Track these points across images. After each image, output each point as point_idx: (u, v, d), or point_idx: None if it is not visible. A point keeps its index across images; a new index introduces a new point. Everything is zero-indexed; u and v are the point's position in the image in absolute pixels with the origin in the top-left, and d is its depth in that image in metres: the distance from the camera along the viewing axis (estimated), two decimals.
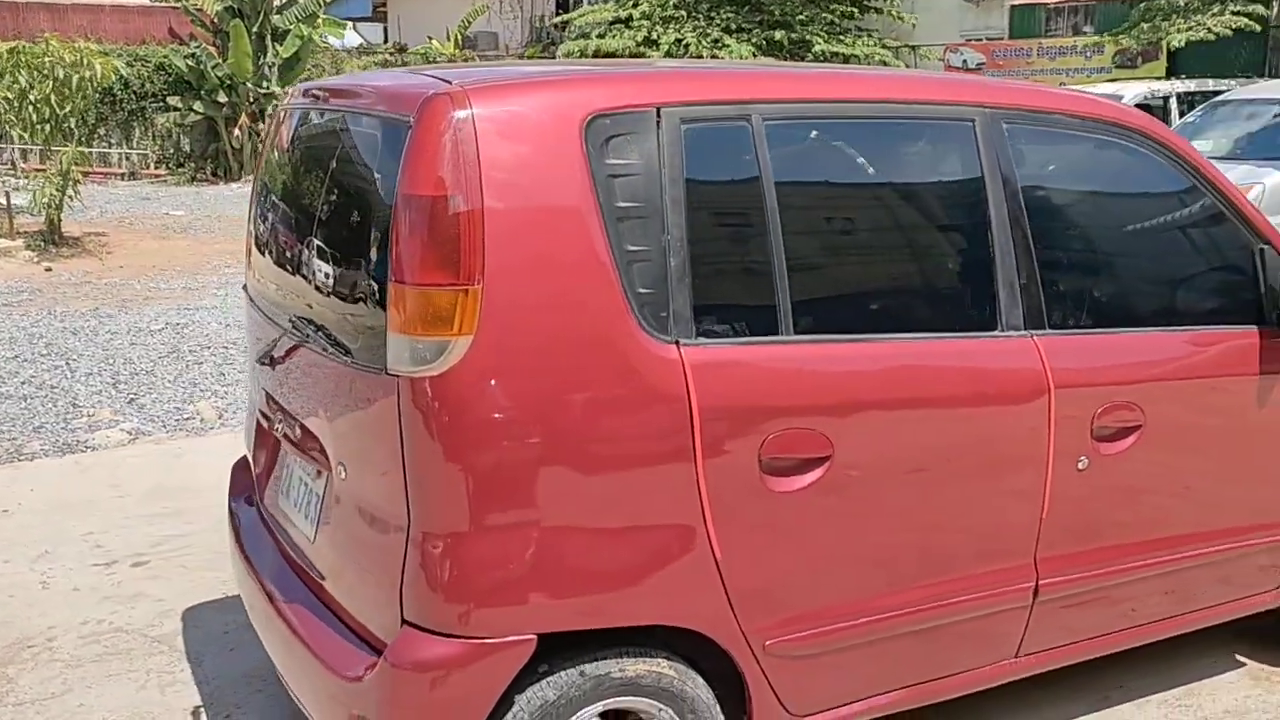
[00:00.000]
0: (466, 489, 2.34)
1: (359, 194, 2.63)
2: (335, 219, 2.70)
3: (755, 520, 2.57)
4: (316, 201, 2.77)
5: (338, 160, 2.76)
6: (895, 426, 2.72)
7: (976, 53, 19.30)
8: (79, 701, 3.55)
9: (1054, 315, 2.94)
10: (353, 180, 2.68)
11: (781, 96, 2.70)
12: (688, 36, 19.82)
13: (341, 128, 2.78)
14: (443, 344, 2.30)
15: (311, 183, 2.86)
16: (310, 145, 2.95)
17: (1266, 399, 3.30)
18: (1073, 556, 3.04)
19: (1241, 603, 3.48)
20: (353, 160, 2.69)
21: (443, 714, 2.39)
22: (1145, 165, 3.19)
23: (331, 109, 2.84)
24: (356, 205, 2.62)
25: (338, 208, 2.71)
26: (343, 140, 2.75)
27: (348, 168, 2.72)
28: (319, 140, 2.91)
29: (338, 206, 2.71)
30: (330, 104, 2.84)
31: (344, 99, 2.81)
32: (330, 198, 2.73)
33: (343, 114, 2.78)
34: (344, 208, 2.69)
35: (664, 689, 2.58)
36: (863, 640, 2.78)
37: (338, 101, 2.82)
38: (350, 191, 2.69)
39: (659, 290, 2.46)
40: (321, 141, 2.89)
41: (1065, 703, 3.49)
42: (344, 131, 2.76)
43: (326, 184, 2.75)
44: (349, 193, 2.69)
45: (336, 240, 2.66)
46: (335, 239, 2.67)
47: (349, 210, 2.66)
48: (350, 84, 2.86)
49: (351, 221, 2.62)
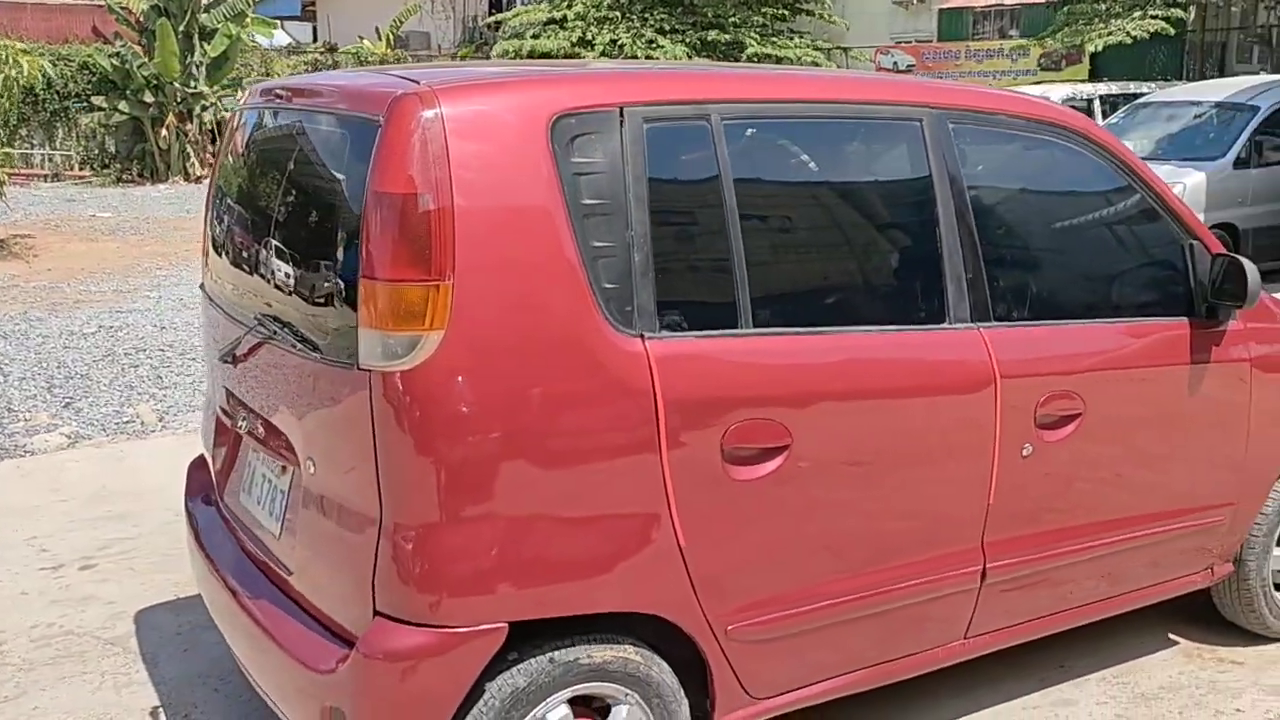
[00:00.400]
0: (438, 481, 2.38)
1: (327, 192, 2.66)
2: (303, 217, 2.73)
3: (718, 508, 2.65)
4: (283, 201, 2.79)
5: (304, 160, 2.78)
6: (851, 416, 2.82)
7: (907, 55, 19.63)
8: (34, 704, 3.52)
9: (999, 308, 3.05)
10: (320, 179, 2.71)
11: (739, 97, 2.78)
12: (622, 37, 19.90)
13: (307, 127, 2.80)
14: (414, 339, 2.34)
15: (277, 182, 2.88)
16: (274, 145, 2.97)
17: (1195, 388, 3.45)
18: (1018, 540, 3.16)
19: (1174, 583, 3.63)
20: (320, 159, 2.72)
21: (416, 703, 2.43)
22: (1083, 164, 3.32)
23: (296, 109, 2.86)
24: (325, 203, 2.65)
25: (305, 206, 2.73)
26: (309, 140, 2.78)
27: (315, 167, 2.74)
28: (283, 140, 2.93)
29: (305, 205, 2.74)
30: (294, 104, 2.86)
31: (309, 99, 2.83)
32: (297, 196, 2.75)
33: (308, 114, 2.80)
34: (312, 206, 2.71)
35: (631, 674, 2.64)
36: (821, 624, 2.87)
37: (302, 101, 2.84)
38: (318, 190, 2.71)
39: (624, 285, 2.52)
40: (286, 141, 2.91)
41: (1010, 682, 3.61)
42: (310, 131, 2.78)
43: (293, 183, 2.78)
44: (317, 191, 2.72)
45: (304, 238, 2.68)
46: (303, 237, 2.69)
47: (317, 208, 2.69)
48: (315, 84, 2.88)
49: (320, 219, 2.65)
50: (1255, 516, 3.70)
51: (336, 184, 2.58)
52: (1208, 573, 3.69)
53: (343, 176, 2.54)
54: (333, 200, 2.59)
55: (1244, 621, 3.89)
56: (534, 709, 2.54)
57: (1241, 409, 3.55)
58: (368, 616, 2.45)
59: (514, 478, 2.43)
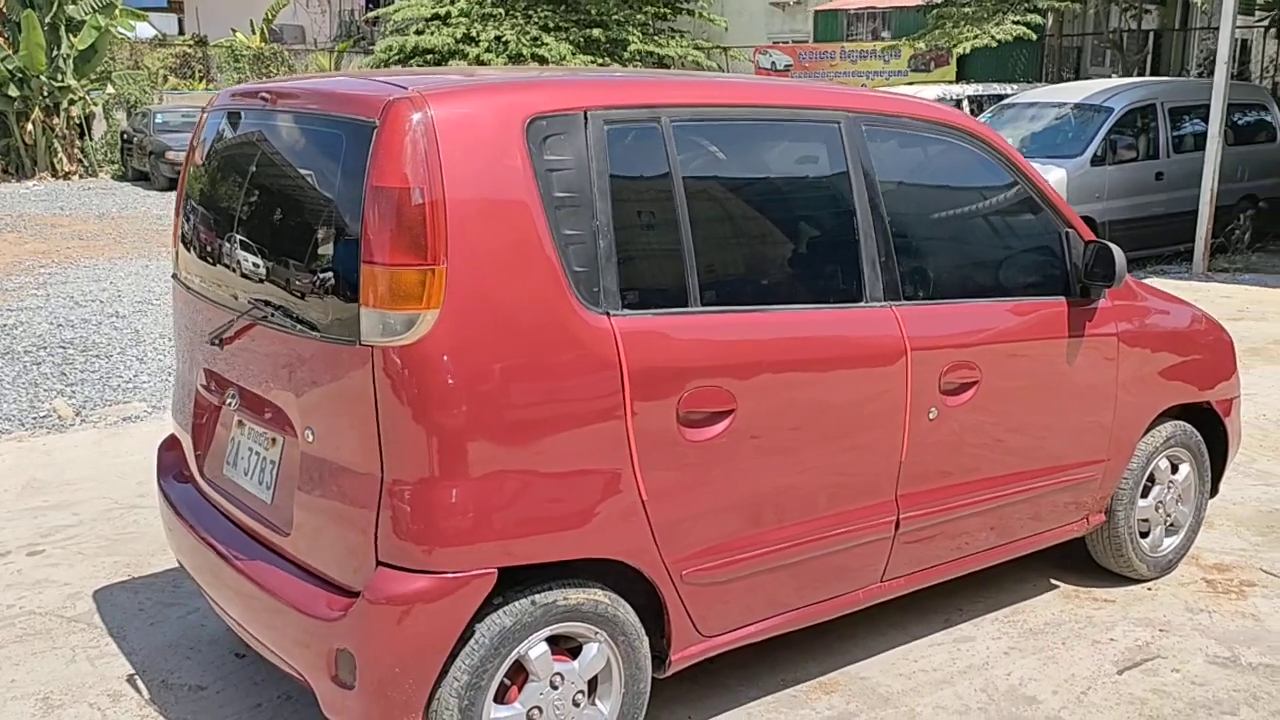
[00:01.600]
0: (435, 443, 2.68)
1: (321, 187, 2.91)
2: (298, 210, 2.98)
3: (674, 466, 2.99)
4: (276, 196, 3.04)
5: (297, 158, 3.03)
6: (785, 384, 3.19)
7: (784, 55, 20.27)
8: (9, 678, 3.68)
9: (907, 289, 3.47)
10: (315, 175, 2.96)
11: (685, 101, 3.13)
12: (507, 34, 20.09)
13: (298, 128, 3.04)
14: (412, 317, 2.64)
15: (268, 179, 3.12)
16: (262, 145, 3.20)
17: (1072, 358, 3.92)
18: (925, 494, 3.58)
19: (1055, 532, 4.11)
20: (314, 157, 2.96)
21: (416, 642, 2.72)
22: (975, 162, 3.77)
23: (283, 110, 3.10)
24: (321, 197, 2.90)
25: (300, 200, 2.99)
26: (300, 140, 3.02)
27: (308, 164, 2.99)
28: (272, 140, 3.16)
29: (300, 199, 2.99)
30: (281, 105, 3.10)
31: (297, 101, 3.08)
32: (291, 192, 3.01)
33: (298, 115, 3.05)
34: (307, 200, 2.97)
35: (600, 615, 2.97)
36: (761, 568, 3.24)
37: (290, 104, 3.08)
38: (312, 185, 2.97)
39: (591, 269, 2.85)
40: (275, 141, 3.14)
41: (918, 625, 4.05)
42: (301, 132, 3.02)
43: (286, 179, 3.03)
44: (311, 187, 2.97)
45: (300, 229, 2.94)
46: (299, 228, 2.95)
47: (313, 202, 2.94)
48: (302, 88, 3.13)
49: (316, 212, 2.91)
50: (1123, 472, 4.21)
51: (332, 180, 2.84)
52: (1083, 522, 4.18)
53: (338, 173, 2.80)
54: (329, 194, 2.85)
55: (1114, 565, 4.40)
56: (518, 646, 2.85)
57: (1110, 377, 4.04)
58: (369, 567, 2.73)
59: (500, 438, 2.73)
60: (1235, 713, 3.53)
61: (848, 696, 3.60)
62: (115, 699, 3.55)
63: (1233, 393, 4.56)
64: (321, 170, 2.90)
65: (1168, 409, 4.29)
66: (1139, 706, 3.56)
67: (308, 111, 3.02)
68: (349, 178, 2.74)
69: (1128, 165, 11.89)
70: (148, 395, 7.12)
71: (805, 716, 3.49)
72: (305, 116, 3.02)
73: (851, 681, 3.69)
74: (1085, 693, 3.64)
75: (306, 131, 3.00)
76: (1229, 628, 4.08)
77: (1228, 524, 4.99)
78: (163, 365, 7.91)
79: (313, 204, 2.94)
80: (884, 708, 3.54)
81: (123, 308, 9.98)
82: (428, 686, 2.76)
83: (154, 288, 10.94)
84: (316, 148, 2.94)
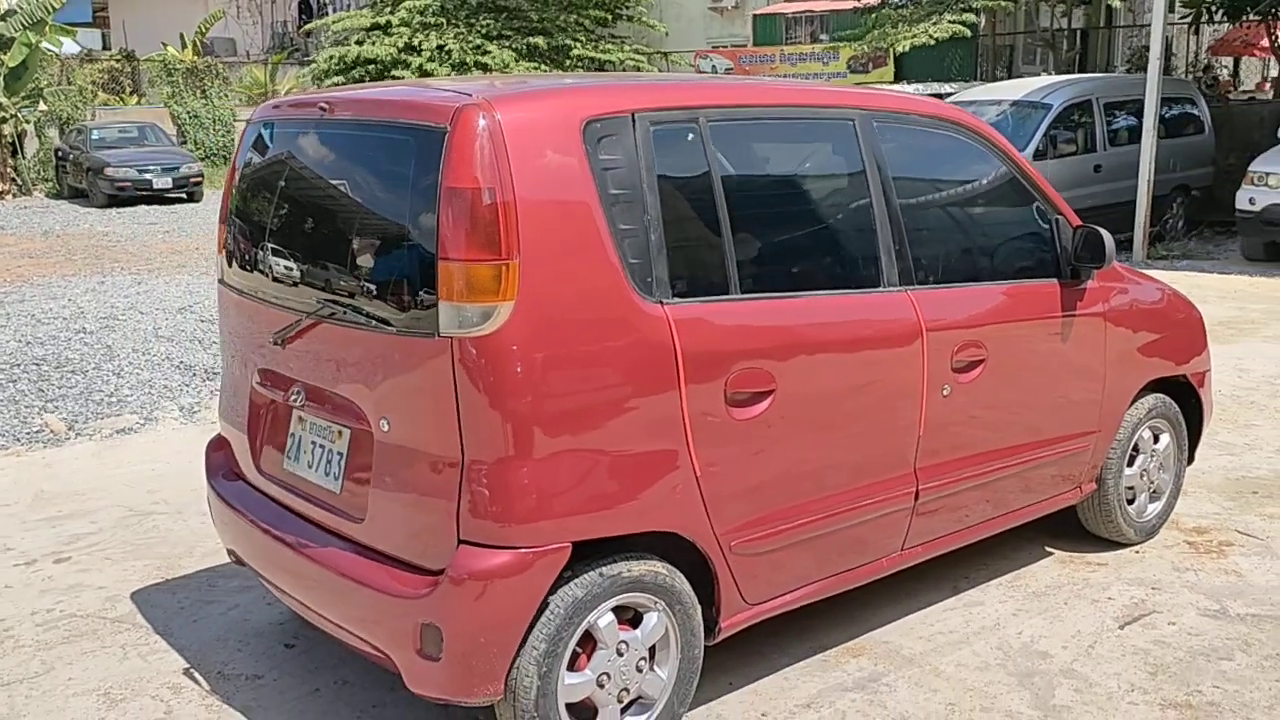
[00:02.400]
0: (512, 427, 2.85)
1: (391, 190, 3.07)
2: (366, 212, 3.15)
3: (723, 443, 3.20)
4: (339, 199, 3.20)
5: (364, 163, 3.18)
6: (818, 365, 3.42)
7: (725, 59, 20.59)
8: (67, 676, 3.77)
9: (919, 274, 3.71)
10: (382, 178, 3.11)
11: (719, 102, 3.35)
12: (449, 43, 20.15)
13: (362, 135, 3.19)
14: (489, 310, 2.81)
15: (329, 183, 3.28)
16: (322, 152, 3.33)
17: (1066, 336, 4.20)
18: (941, 466, 3.82)
19: (1054, 500, 4.38)
20: (382, 162, 3.12)
21: (499, 614, 2.89)
22: (973, 154, 4.03)
23: (342, 119, 3.25)
24: (389, 199, 3.07)
25: (367, 203, 3.15)
26: (368, 146, 3.17)
27: (376, 169, 3.14)
28: (333, 147, 3.30)
29: (366, 202, 3.15)
30: (339, 115, 3.25)
31: (356, 109, 3.24)
32: (356, 195, 3.17)
33: (360, 123, 3.20)
34: (375, 202, 3.13)
35: (659, 585, 3.16)
36: (799, 539, 3.46)
37: (349, 113, 3.24)
38: (380, 188, 3.13)
39: (644, 260, 3.04)
40: (338, 148, 3.28)
41: (930, 592, 4.29)
42: (367, 138, 3.17)
43: (350, 183, 3.19)
44: (379, 189, 3.13)
45: (372, 231, 3.10)
46: (368, 229, 3.11)
47: (381, 204, 3.11)
48: (359, 97, 3.29)
49: (385, 213, 3.07)
50: (1111, 442, 4.50)
51: (402, 183, 3.00)
52: (1078, 490, 4.46)
53: (409, 176, 2.96)
54: (399, 197, 3.01)
55: (1104, 531, 4.69)
56: (588, 615, 3.04)
57: (1099, 353, 4.33)
58: (450, 547, 2.90)
59: (570, 420, 2.92)
60: (1231, 658, 3.82)
61: (875, 659, 3.83)
62: (176, 691, 3.67)
63: (1205, 366, 4.88)
64: (391, 174, 3.07)
65: (1149, 382, 4.59)
66: (1143, 656, 3.84)
67: (373, 119, 3.17)
68: (420, 180, 2.91)
69: (1067, 159, 12.34)
70: (137, 408, 7.16)
71: (838, 678, 3.71)
72: (370, 124, 3.18)
73: (876, 645, 3.92)
74: (1092, 646, 3.91)
75: (373, 138, 3.15)
76: (1215, 584, 4.38)
77: (1200, 491, 5.31)
78: (141, 379, 7.93)
79: (382, 206, 3.11)
80: (909, 667, 3.78)
81: (88, 324, 9.94)
82: (509, 656, 2.94)
83: (116, 303, 10.89)
84: (384, 153, 3.10)
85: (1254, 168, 12.01)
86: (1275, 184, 11.62)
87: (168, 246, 15.43)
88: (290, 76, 29.11)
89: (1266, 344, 8.39)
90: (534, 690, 2.96)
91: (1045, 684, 3.67)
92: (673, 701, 3.27)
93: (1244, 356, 7.96)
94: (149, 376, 8.00)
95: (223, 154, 26.73)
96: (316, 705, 3.57)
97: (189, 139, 26.43)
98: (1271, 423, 6.46)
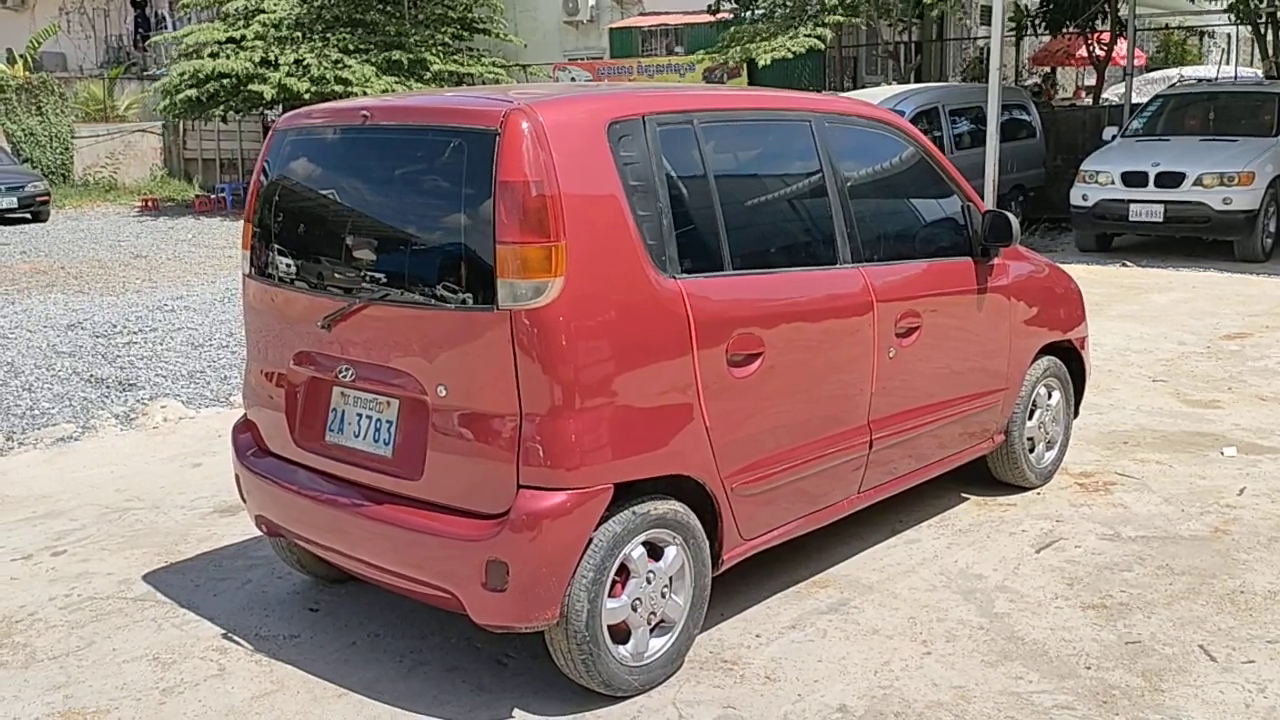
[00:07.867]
0: (561, 386, 3.32)
1: (445, 185, 3.49)
2: (420, 207, 3.57)
3: (725, 398, 3.73)
4: (392, 196, 3.62)
5: (415, 163, 3.58)
6: (795, 330, 3.99)
7: (584, 70, 21.15)
8: (111, 647, 4.04)
9: (866, 253, 4.32)
10: (435, 176, 3.52)
11: (707, 107, 3.90)
12: (307, 57, 20.12)
13: (411, 139, 3.59)
14: (541, 285, 3.28)
15: (379, 183, 3.67)
16: (368, 154, 3.71)
17: (980, 306, 4.89)
18: (888, 419, 4.44)
19: (973, 449, 5.06)
20: (434, 162, 3.52)
21: (557, 547, 3.35)
22: (903, 150, 4.68)
23: (387, 125, 3.66)
24: (443, 194, 3.48)
25: (421, 198, 3.57)
26: (418, 148, 3.56)
27: (427, 168, 3.54)
28: (379, 150, 3.68)
29: (420, 198, 3.58)
30: (383, 121, 3.66)
31: (400, 116, 3.68)
32: (409, 192, 3.59)
33: (407, 128, 3.62)
34: (428, 197, 3.55)
35: (678, 522, 3.67)
36: (783, 482, 4.01)
37: (394, 119, 3.66)
38: (433, 185, 3.54)
39: (659, 242, 3.56)
40: (385, 151, 3.66)
41: (872, 534, 4.91)
42: (417, 141, 3.57)
43: (402, 182, 3.61)
44: (432, 186, 3.55)
45: (426, 222, 3.54)
46: (424, 221, 3.55)
47: (435, 198, 3.52)
48: (401, 105, 3.74)
49: (440, 206, 3.50)
50: (1016, 398, 5.21)
51: (456, 179, 3.41)
52: (991, 441, 5.15)
53: (463, 173, 3.39)
54: (454, 191, 3.43)
55: (1010, 477, 5.40)
56: (624, 548, 3.52)
57: (1006, 320, 5.03)
58: (510, 492, 3.35)
59: (609, 379, 3.42)
60: (1130, 570, 4.55)
61: (840, 589, 4.42)
62: (222, 651, 3.98)
63: (1085, 332, 5.66)
64: (443, 172, 3.48)
65: (1043, 346, 5.32)
66: (1060, 573, 4.53)
67: (421, 124, 3.60)
68: (474, 176, 3.35)
69: None
70: (70, 418, 7.23)
71: (812, 604, 4.28)
72: (418, 129, 3.59)
73: (838, 579, 4.51)
74: (1017, 568, 4.58)
75: (422, 141, 3.56)
76: (1107, 514, 5.13)
77: (1080, 443, 6.09)
78: (55, 393, 7.95)
79: (436, 200, 3.53)
80: (871, 593, 4.37)
81: None
82: (564, 585, 3.39)
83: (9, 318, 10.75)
84: (435, 154, 3.51)
85: (1085, 167, 13.23)
86: (1104, 181, 12.84)
87: (30, 267, 15.07)
88: (130, 92, 28.36)
89: (1112, 322, 9.39)
90: (585, 613, 3.43)
91: (985, 598, 4.32)
92: (689, 624, 3.78)
93: (1096, 334, 8.81)
94: (63, 390, 8.05)
95: (61, 172, 25.87)
96: (358, 654, 3.95)
97: (26, 157, 25.51)
98: (1128, 387, 7.38)
